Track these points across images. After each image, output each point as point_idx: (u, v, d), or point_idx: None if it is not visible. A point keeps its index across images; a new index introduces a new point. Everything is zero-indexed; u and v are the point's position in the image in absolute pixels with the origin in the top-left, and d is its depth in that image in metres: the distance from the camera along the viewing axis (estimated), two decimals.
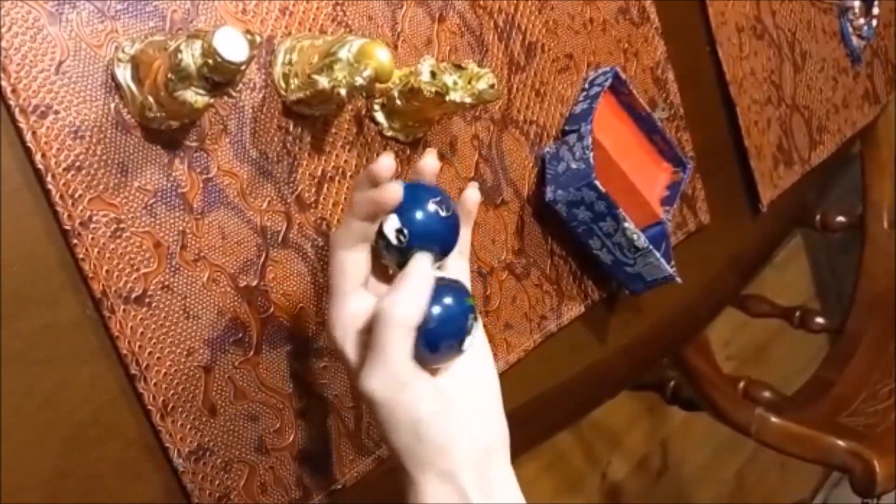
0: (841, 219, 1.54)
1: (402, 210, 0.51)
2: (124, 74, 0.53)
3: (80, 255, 0.52)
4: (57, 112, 0.51)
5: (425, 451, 0.50)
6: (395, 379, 0.49)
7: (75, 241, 0.52)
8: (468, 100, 0.62)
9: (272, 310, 0.61)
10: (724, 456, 2.31)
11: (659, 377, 1.49)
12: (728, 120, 1.03)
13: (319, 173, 0.63)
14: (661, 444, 2.16)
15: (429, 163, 0.55)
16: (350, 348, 0.52)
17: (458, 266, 0.56)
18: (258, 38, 0.48)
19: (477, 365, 0.55)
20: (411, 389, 0.50)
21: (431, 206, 0.52)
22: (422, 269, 0.51)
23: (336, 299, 0.53)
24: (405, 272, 0.51)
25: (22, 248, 0.51)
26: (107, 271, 0.53)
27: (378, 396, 0.50)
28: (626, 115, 0.87)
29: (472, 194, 0.57)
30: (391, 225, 0.52)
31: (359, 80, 0.55)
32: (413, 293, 0.50)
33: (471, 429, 0.52)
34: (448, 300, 0.51)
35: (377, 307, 0.50)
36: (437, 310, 0.51)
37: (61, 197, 0.51)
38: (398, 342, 0.49)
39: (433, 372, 0.52)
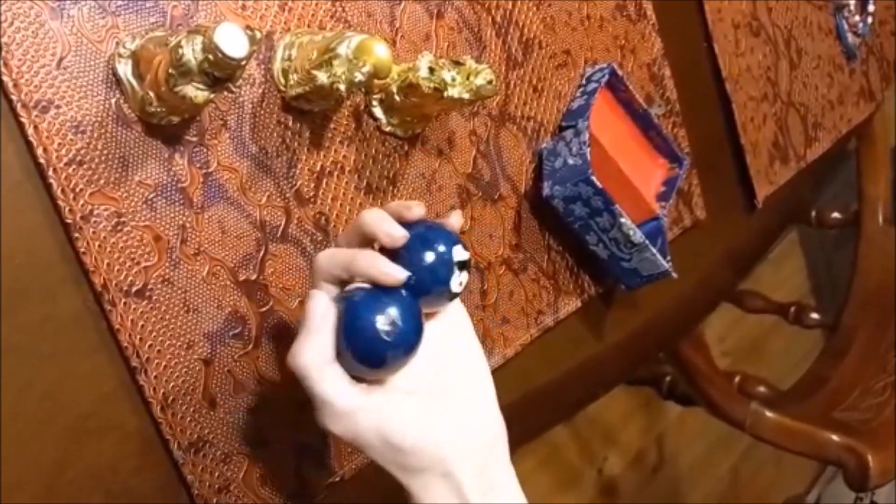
0: (836, 215, 1.55)
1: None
2: (125, 70, 0.53)
3: (82, 249, 0.52)
4: (58, 107, 0.51)
5: (414, 458, 0.50)
6: (340, 413, 0.50)
7: (76, 234, 0.52)
8: (466, 96, 0.62)
9: (271, 304, 0.61)
10: (720, 451, 2.32)
11: (654, 372, 1.50)
12: (724, 116, 1.04)
13: (318, 168, 0.64)
14: (657, 440, 2.17)
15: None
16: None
17: None
18: (258, 34, 0.48)
19: (465, 359, 0.55)
20: (363, 413, 0.50)
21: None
22: (313, 309, 0.50)
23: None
24: (303, 317, 0.51)
25: (22, 242, 0.51)
26: (107, 265, 0.53)
27: (340, 434, 0.50)
28: (622, 112, 0.87)
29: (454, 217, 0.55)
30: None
31: (358, 76, 0.56)
32: (309, 334, 0.50)
33: (462, 426, 0.52)
34: (428, 254, 0.51)
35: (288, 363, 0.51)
36: (421, 261, 0.51)
37: (62, 191, 0.51)
38: (319, 384, 0.49)
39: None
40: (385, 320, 0.50)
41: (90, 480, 0.54)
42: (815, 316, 1.54)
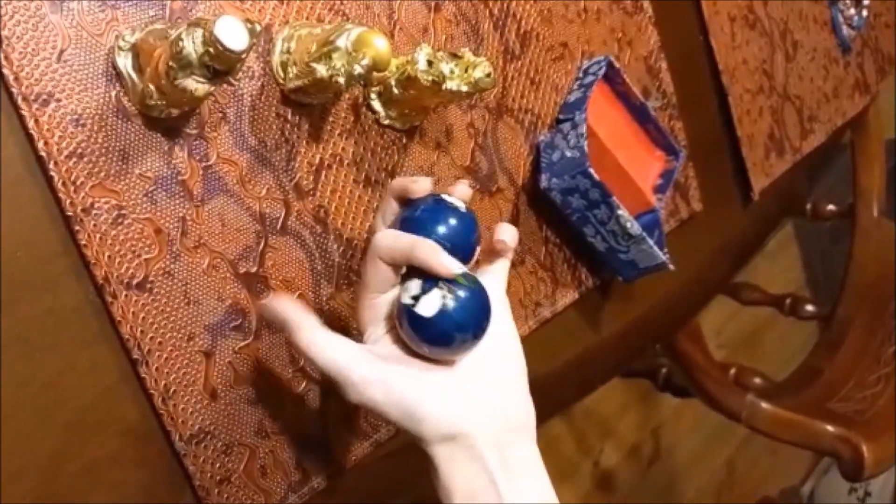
0: (831, 207, 1.56)
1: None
2: (125, 63, 0.53)
3: (83, 242, 0.53)
4: (59, 100, 0.51)
5: (430, 427, 0.50)
6: (356, 384, 0.50)
7: (77, 227, 0.52)
8: (464, 88, 0.63)
9: (271, 296, 0.61)
10: (716, 443, 2.33)
11: (651, 364, 1.50)
12: (720, 109, 1.04)
13: (317, 161, 0.64)
14: (653, 432, 2.18)
15: (462, 191, 0.57)
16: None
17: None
18: (258, 27, 0.48)
19: (498, 341, 0.55)
20: (375, 383, 0.50)
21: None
22: (286, 306, 0.54)
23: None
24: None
25: (23, 235, 0.51)
26: (108, 257, 0.53)
27: (362, 405, 0.51)
28: (619, 104, 0.87)
29: (508, 232, 0.59)
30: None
31: (357, 69, 0.56)
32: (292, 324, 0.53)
33: (484, 402, 0.52)
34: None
35: None
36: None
37: (63, 184, 0.52)
38: (326, 359, 0.51)
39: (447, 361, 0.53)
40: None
41: (91, 473, 0.54)
42: (810, 308, 1.55)
